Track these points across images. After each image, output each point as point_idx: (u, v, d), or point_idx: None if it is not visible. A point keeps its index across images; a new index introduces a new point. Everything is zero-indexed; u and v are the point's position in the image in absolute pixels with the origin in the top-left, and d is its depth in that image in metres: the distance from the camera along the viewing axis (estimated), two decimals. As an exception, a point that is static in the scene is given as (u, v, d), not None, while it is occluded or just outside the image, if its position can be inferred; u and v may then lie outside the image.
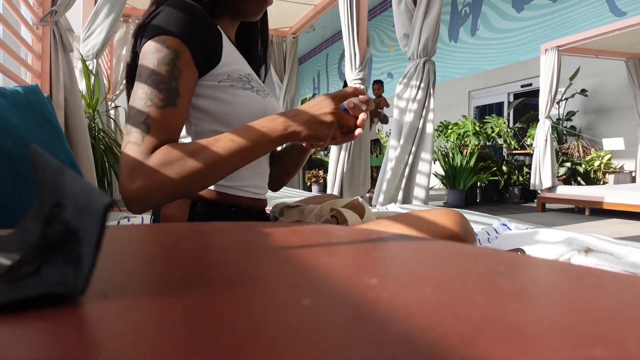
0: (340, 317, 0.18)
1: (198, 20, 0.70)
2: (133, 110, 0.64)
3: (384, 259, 0.31)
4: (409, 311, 0.18)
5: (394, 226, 0.72)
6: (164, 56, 0.65)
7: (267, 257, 0.30)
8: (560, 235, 1.18)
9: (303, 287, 0.22)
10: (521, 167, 5.62)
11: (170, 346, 0.15)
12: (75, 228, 0.20)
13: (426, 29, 2.64)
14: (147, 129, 0.62)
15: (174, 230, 0.42)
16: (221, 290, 0.22)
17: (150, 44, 0.66)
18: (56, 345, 0.15)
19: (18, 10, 1.66)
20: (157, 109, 0.63)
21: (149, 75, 0.64)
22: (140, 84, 0.64)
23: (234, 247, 0.34)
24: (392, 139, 2.80)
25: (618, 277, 0.24)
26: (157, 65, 0.65)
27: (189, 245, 0.34)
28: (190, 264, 0.28)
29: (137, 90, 0.64)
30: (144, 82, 0.64)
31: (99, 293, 0.20)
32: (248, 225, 0.47)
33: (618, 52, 4.93)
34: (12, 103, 0.93)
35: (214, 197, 0.75)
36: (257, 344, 0.15)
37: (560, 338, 0.16)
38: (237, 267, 0.27)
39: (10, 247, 0.24)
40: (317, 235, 0.38)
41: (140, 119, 0.62)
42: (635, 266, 0.90)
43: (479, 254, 0.30)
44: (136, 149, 0.60)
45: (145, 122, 0.62)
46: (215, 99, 0.74)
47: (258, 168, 0.82)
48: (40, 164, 0.25)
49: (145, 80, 0.64)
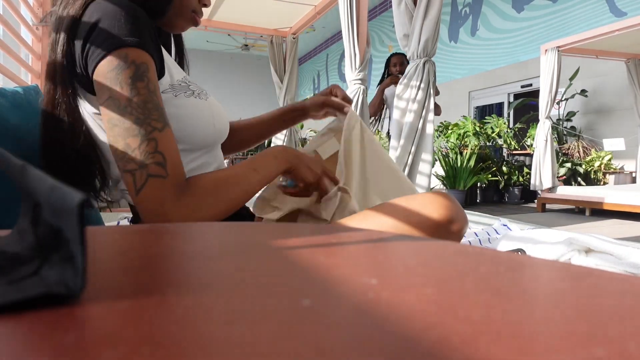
0: (340, 317, 0.18)
1: (147, 24, 0.62)
2: (134, 141, 0.56)
3: (384, 259, 0.31)
4: (409, 311, 0.18)
5: (372, 219, 0.71)
6: (133, 74, 0.58)
7: (267, 257, 0.30)
8: (560, 236, 1.18)
9: (303, 287, 0.22)
10: (521, 168, 5.62)
11: (169, 346, 0.15)
12: (58, 227, 0.20)
13: (426, 29, 2.64)
14: (163, 157, 0.56)
15: (171, 231, 0.42)
16: (221, 289, 0.22)
17: (109, 63, 0.58)
18: (56, 344, 0.15)
19: (18, 11, 1.66)
20: (161, 133, 0.57)
21: (129, 99, 0.57)
22: (124, 110, 0.57)
23: (232, 246, 0.34)
24: (392, 140, 2.80)
25: (618, 278, 0.24)
26: (132, 86, 0.57)
27: (185, 245, 0.34)
28: (188, 264, 0.28)
29: (123, 119, 0.56)
30: (128, 108, 0.57)
31: (96, 293, 0.20)
32: (246, 225, 0.47)
33: (618, 53, 4.93)
34: (12, 103, 0.93)
35: None
36: (257, 344, 0.15)
37: (560, 338, 0.16)
38: (236, 267, 0.27)
39: (10, 248, 0.24)
40: (316, 235, 0.38)
41: (150, 149, 0.56)
42: (635, 266, 0.90)
43: (479, 255, 0.30)
44: (164, 182, 0.55)
45: (158, 151, 0.56)
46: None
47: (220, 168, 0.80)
48: (4, 165, 0.24)
49: (127, 105, 0.57)
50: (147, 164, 0.55)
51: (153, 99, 0.59)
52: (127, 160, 0.56)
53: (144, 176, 0.55)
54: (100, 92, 0.59)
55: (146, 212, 0.55)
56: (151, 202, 0.55)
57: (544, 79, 4.61)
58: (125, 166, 0.56)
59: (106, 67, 0.58)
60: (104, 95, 0.58)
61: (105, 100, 0.58)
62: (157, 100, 0.59)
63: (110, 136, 0.58)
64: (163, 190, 0.55)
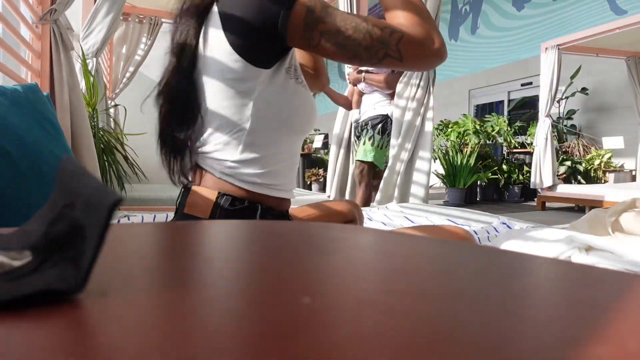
0: (340, 316, 0.18)
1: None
2: (365, 40, 0.66)
3: (384, 259, 0.31)
4: (409, 310, 0.18)
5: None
6: (322, 6, 0.68)
7: (267, 256, 0.30)
8: (560, 234, 1.18)
9: (303, 285, 0.22)
10: (521, 166, 5.61)
11: (169, 344, 0.15)
12: (82, 225, 0.21)
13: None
14: (388, 27, 0.68)
15: (175, 228, 0.42)
16: (221, 289, 0.22)
17: (302, 6, 0.67)
18: (55, 343, 0.15)
19: (17, 9, 1.66)
20: (367, 22, 0.68)
21: (336, 9, 0.68)
22: (342, 15, 0.67)
23: (234, 245, 0.34)
24: (392, 138, 2.80)
25: (618, 276, 0.24)
26: (328, 11, 0.67)
27: (188, 243, 0.34)
28: (189, 262, 0.28)
29: (347, 17, 0.67)
30: (342, 14, 0.68)
31: (98, 291, 0.20)
32: (251, 223, 0.47)
33: (618, 51, 4.92)
34: (12, 102, 0.93)
35: (239, 194, 0.75)
36: (257, 343, 0.15)
37: (560, 337, 0.16)
38: (236, 265, 0.27)
39: (11, 246, 0.24)
40: (316, 234, 0.38)
41: (377, 33, 0.66)
42: (636, 264, 0.90)
43: (478, 252, 0.29)
44: (405, 34, 0.67)
45: (381, 27, 0.67)
46: (282, 91, 0.75)
47: (293, 161, 0.83)
48: (67, 170, 0.26)
49: (341, 12, 0.68)
50: (388, 40, 0.66)
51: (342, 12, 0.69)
52: (376, 50, 0.67)
53: (399, 28, 0.67)
54: (305, 35, 0.68)
55: (421, 42, 0.68)
56: (422, 36, 0.67)
57: (544, 77, 4.61)
58: (378, 53, 0.68)
59: (301, 9, 0.67)
60: (315, 36, 0.68)
61: (319, 37, 0.68)
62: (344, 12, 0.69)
63: (348, 53, 0.68)
64: (411, 39, 0.67)
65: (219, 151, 0.75)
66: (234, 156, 0.74)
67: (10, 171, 0.83)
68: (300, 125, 0.80)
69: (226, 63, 0.71)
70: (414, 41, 0.67)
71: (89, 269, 0.19)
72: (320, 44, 0.68)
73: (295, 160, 0.83)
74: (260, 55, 0.71)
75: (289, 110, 0.76)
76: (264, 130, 0.74)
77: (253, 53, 0.70)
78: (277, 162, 0.77)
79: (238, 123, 0.73)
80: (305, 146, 7.76)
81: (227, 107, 0.73)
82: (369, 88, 2.67)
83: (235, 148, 0.74)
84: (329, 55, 0.70)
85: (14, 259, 0.22)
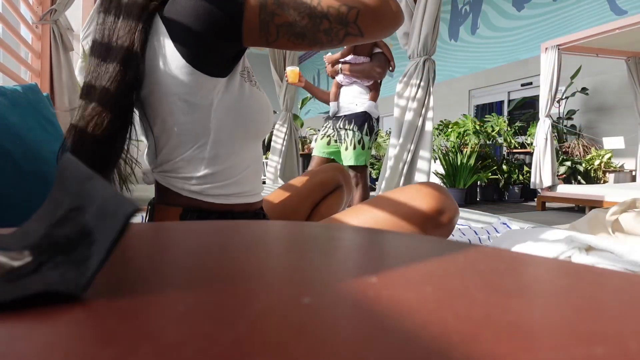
0: (340, 315, 0.18)
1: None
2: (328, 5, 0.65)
3: (384, 258, 0.31)
4: (408, 309, 0.18)
5: (365, 213, 0.75)
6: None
7: (267, 256, 0.30)
8: (560, 234, 1.18)
9: (303, 285, 0.22)
10: (521, 166, 5.61)
11: (170, 344, 0.15)
12: (90, 230, 0.21)
13: (425, 25, 2.63)
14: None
15: (173, 229, 0.42)
16: (221, 288, 0.22)
17: (253, 4, 0.64)
18: (55, 343, 0.15)
19: (18, 9, 1.66)
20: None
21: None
22: (295, 3, 0.65)
23: (232, 245, 0.34)
24: (392, 138, 2.80)
25: (619, 276, 0.24)
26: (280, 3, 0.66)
27: (186, 243, 0.34)
28: (188, 262, 0.27)
29: (299, 3, 0.65)
30: (293, 1, 0.65)
31: (99, 291, 0.20)
32: (246, 223, 0.46)
33: (618, 51, 4.92)
34: (12, 102, 0.93)
35: (207, 207, 0.72)
36: (257, 343, 0.15)
37: (560, 336, 0.16)
38: (236, 265, 0.27)
39: (10, 246, 0.24)
40: (316, 233, 0.38)
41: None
42: (636, 264, 0.90)
43: (479, 252, 0.29)
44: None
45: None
46: (239, 97, 0.71)
47: (258, 166, 0.80)
48: (69, 171, 0.26)
49: (295, 12, 0.65)
50: (346, 18, 0.65)
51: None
52: (336, 32, 0.66)
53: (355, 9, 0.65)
54: (262, 32, 0.66)
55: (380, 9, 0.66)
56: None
57: (544, 78, 4.61)
58: (338, 34, 0.66)
59: (253, 12, 0.64)
60: (273, 31, 0.65)
61: (276, 32, 0.66)
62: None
63: (312, 30, 0.66)
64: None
65: (181, 168, 0.71)
66: (198, 172, 0.70)
67: (11, 171, 0.83)
68: (263, 128, 0.76)
69: (179, 77, 0.66)
70: (371, 13, 0.65)
71: (94, 273, 0.19)
72: (278, 38, 0.66)
73: (259, 164, 0.81)
74: (216, 64, 0.68)
75: (248, 115, 0.73)
76: (227, 140, 0.71)
77: (209, 63, 0.66)
78: (243, 169, 0.74)
79: (199, 137, 0.69)
80: (305, 146, 7.76)
81: (185, 122, 0.68)
82: (348, 80, 2.58)
83: (199, 163, 0.70)
84: (290, 47, 0.68)
85: (14, 259, 0.22)
